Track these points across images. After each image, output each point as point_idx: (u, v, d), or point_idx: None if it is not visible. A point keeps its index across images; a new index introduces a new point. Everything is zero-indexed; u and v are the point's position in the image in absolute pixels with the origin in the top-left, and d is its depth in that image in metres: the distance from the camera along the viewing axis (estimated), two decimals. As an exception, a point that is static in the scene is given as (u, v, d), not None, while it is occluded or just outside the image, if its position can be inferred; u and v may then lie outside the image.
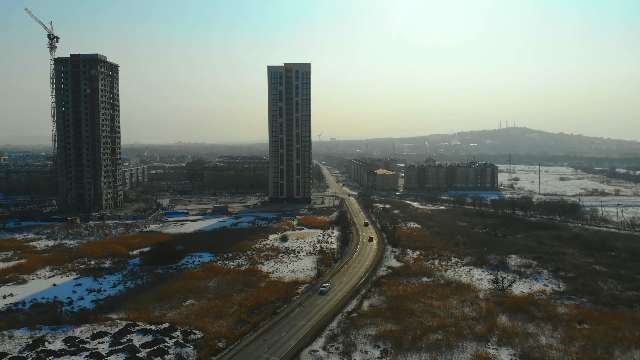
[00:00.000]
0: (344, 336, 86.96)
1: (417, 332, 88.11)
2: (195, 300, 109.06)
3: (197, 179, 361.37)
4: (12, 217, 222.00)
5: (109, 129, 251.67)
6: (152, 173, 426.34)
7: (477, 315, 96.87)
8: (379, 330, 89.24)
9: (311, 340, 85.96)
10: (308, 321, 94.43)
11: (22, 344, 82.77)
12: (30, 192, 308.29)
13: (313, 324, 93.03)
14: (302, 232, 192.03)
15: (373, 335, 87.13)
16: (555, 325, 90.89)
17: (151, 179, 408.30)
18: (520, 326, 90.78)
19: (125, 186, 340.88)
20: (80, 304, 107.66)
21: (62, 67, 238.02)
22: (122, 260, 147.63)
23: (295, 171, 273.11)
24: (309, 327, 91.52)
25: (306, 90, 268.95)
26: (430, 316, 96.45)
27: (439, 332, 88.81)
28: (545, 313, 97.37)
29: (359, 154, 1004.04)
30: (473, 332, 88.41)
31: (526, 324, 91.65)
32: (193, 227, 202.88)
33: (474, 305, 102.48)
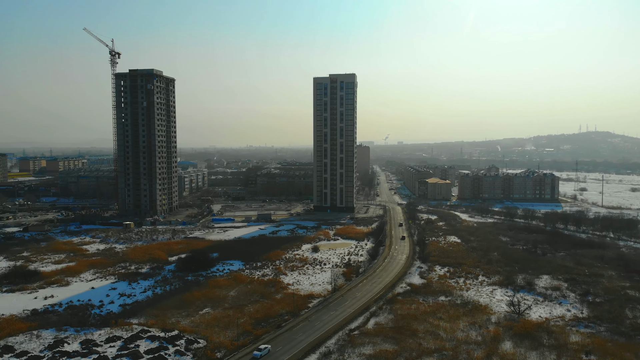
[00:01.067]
0: (337, 354, 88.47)
1: (412, 354, 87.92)
2: (211, 309, 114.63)
3: (251, 185, 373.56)
4: (74, 220, 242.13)
5: (165, 139, 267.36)
6: (212, 179, 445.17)
7: (481, 339, 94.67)
8: (374, 350, 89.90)
9: (304, 356, 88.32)
10: (308, 336, 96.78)
11: (45, 343, 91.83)
12: (97, 196, 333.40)
13: (312, 339, 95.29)
14: (336, 243, 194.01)
15: (367, 355, 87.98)
16: (560, 355, 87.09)
17: (211, 185, 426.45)
18: (522, 354, 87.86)
19: (185, 192, 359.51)
20: (109, 308, 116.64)
21: (122, 81, 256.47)
22: (159, 266, 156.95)
23: (339, 180, 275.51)
24: (307, 342, 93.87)
25: (350, 100, 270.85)
26: (432, 338, 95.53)
27: (434, 355, 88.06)
28: (555, 341, 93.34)
29: (424, 158, 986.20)
30: (470, 357, 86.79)
31: (529, 352, 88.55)
32: (234, 234, 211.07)
33: (482, 329, 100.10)
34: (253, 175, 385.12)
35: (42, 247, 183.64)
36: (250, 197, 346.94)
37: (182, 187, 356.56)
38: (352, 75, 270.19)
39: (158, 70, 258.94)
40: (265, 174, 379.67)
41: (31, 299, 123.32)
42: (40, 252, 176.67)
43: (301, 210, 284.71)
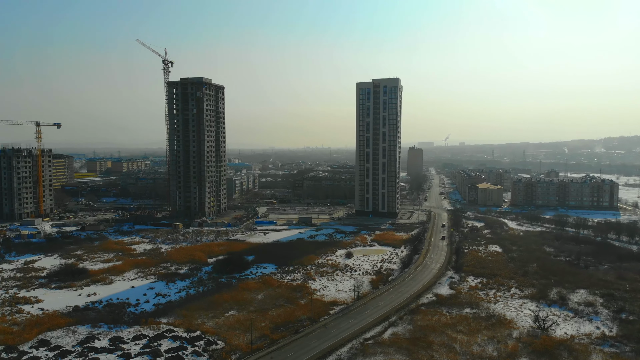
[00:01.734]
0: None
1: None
2: (236, 312, 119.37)
3: (298, 188, 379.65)
4: (128, 220, 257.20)
5: (214, 144, 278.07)
6: (262, 181, 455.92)
7: (497, 355, 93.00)
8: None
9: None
10: (322, 343, 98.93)
11: (78, 339, 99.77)
12: (153, 197, 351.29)
13: (324, 346, 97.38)
14: (371, 250, 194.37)
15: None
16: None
17: (261, 187, 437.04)
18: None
19: (235, 194, 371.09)
20: (143, 307, 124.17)
21: (174, 89, 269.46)
22: (197, 267, 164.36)
23: (381, 185, 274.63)
24: (319, 349, 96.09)
25: (393, 104, 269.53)
26: (445, 351, 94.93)
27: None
28: None
29: (484, 161, 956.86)
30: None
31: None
32: (273, 238, 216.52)
33: (500, 344, 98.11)
34: (300, 179, 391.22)
35: (95, 246, 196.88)
36: (297, 200, 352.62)
37: (233, 190, 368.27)
38: (396, 80, 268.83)
39: (207, 78, 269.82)
40: (312, 177, 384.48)
41: (76, 296, 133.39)
42: (92, 251, 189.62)
43: (343, 214, 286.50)
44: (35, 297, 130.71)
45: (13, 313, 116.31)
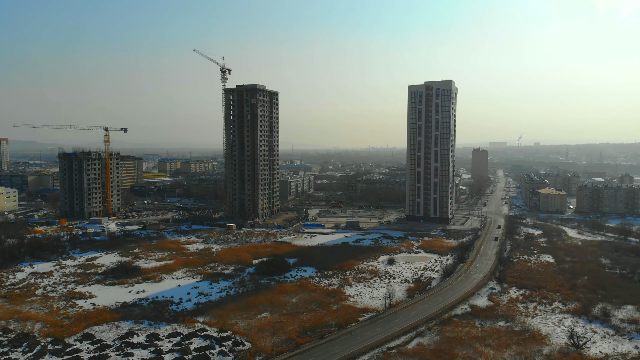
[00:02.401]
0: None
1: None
2: (269, 314, 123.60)
3: (351, 191, 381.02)
4: (187, 220, 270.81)
5: (267, 148, 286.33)
6: (318, 183, 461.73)
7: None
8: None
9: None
10: (344, 350, 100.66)
11: (119, 334, 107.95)
12: (213, 198, 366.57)
13: (346, 353, 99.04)
14: (416, 256, 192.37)
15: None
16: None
17: (316, 189, 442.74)
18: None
19: (290, 195, 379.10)
20: (185, 306, 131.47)
21: (231, 95, 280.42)
22: (241, 268, 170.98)
23: (433, 190, 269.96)
24: (340, 355, 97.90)
25: (446, 107, 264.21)
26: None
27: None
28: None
29: (557, 162, 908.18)
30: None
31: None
32: (319, 241, 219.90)
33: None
34: (354, 181, 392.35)
35: (152, 245, 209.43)
36: (349, 203, 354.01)
37: (287, 192, 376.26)
38: (449, 82, 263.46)
39: (262, 85, 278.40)
40: (365, 180, 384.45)
41: (126, 292, 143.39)
42: (149, 249, 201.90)
43: (393, 219, 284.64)
44: (90, 292, 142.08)
45: (67, 307, 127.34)
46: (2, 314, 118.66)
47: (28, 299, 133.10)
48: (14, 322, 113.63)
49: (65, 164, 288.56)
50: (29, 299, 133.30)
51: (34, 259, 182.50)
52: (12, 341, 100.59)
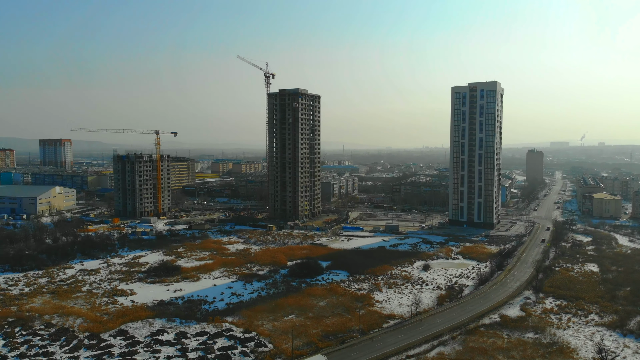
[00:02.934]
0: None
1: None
2: (295, 316, 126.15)
3: (395, 194, 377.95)
4: (230, 221, 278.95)
5: (308, 151, 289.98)
6: (362, 184, 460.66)
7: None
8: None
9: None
10: (363, 356, 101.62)
11: (151, 331, 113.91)
12: (258, 199, 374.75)
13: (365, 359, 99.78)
14: (453, 263, 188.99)
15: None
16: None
17: (360, 191, 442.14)
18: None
19: (334, 197, 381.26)
20: (217, 305, 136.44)
21: (274, 100, 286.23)
22: (275, 270, 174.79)
23: (477, 194, 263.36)
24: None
25: (491, 109, 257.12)
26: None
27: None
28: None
29: (622, 164, 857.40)
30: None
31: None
32: (355, 244, 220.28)
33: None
34: (397, 184, 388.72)
35: (195, 245, 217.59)
36: (398, 205, 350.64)
37: (330, 193, 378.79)
38: (493, 83, 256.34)
39: (303, 89, 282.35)
40: (409, 183, 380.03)
41: (164, 290, 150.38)
42: (192, 249, 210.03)
43: (436, 223, 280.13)
44: (131, 290, 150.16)
45: (108, 304, 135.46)
46: (48, 309, 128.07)
47: (74, 295, 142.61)
48: (58, 317, 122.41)
49: (119, 165, 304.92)
50: (75, 295, 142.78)
51: (85, 256, 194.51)
52: (52, 335, 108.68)
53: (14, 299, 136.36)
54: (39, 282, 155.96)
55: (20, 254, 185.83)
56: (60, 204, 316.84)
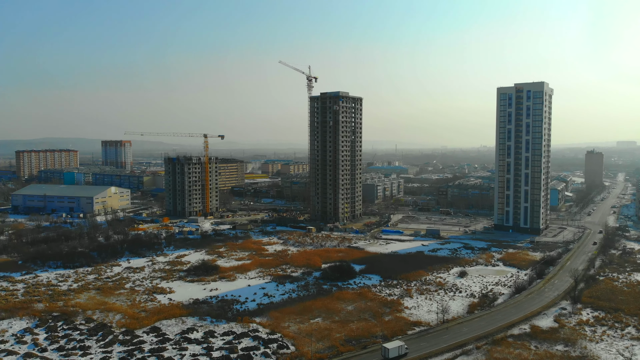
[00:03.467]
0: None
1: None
2: (321, 320, 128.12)
3: (441, 196, 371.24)
4: (272, 222, 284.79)
5: (349, 153, 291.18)
6: (408, 186, 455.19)
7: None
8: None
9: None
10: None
11: (182, 329, 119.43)
12: (301, 200, 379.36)
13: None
14: (492, 270, 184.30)
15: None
16: None
17: (406, 193, 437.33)
18: None
19: (377, 199, 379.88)
20: (248, 305, 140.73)
21: (315, 103, 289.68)
22: (309, 272, 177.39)
23: (523, 198, 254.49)
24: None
25: (538, 111, 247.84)
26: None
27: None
28: None
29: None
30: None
31: None
32: (392, 248, 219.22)
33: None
34: (444, 187, 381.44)
35: (236, 245, 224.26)
36: (439, 209, 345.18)
37: (374, 195, 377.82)
38: (540, 84, 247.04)
39: (344, 92, 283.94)
40: (456, 185, 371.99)
41: (201, 289, 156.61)
42: (233, 249, 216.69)
43: (480, 228, 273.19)
44: (170, 288, 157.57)
45: (147, 301, 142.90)
46: (91, 305, 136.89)
47: (117, 292, 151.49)
48: (99, 313, 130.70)
49: (170, 167, 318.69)
50: (118, 292, 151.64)
51: (133, 254, 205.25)
52: (90, 330, 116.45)
53: (61, 295, 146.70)
54: (86, 279, 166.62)
55: (73, 252, 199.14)
56: (115, 204, 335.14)
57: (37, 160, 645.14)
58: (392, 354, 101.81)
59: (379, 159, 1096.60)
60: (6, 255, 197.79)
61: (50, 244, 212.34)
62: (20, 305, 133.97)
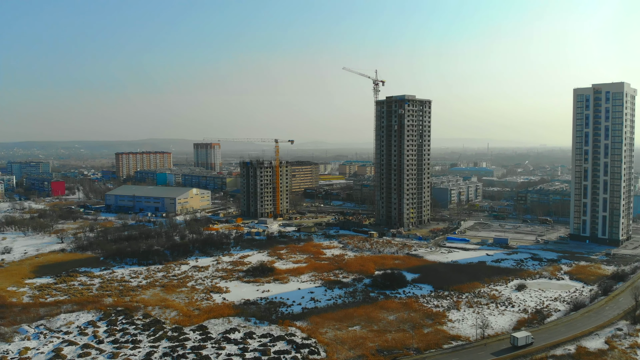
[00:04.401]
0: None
1: None
2: (359, 328, 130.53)
3: (520, 202, 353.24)
4: (336, 225, 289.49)
5: (415, 157, 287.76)
6: (488, 190, 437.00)
7: None
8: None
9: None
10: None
11: (226, 328, 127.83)
12: (370, 204, 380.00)
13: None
14: (554, 284, 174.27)
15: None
16: None
17: (486, 197, 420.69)
18: None
19: (451, 204, 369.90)
20: (293, 309, 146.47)
21: (380, 107, 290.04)
22: (360, 278, 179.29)
23: (601, 207, 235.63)
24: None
25: (618, 113, 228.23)
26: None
27: None
28: None
29: None
30: None
31: None
32: (453, 257, 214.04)
33: None
34: (523, 191, 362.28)
35: (297, 247, 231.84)
36: (516, 216, 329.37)
37: (448, 200, 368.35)
38: (620, 85, 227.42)
39: (410, 95, 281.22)
40: (536, 190, 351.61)
41: (254, 290, 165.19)
42: (293, 251, 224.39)
43: (555, 237, 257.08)
44: (227, 287, 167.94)
45: (203, 300, 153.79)
46: (153, 301, 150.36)
47: (178, 290, 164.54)
48: (158, 309, 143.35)
49: (244, 170, 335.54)
50: (179, 290, 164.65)
51: (201, 253, 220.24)
52: (145, 325, 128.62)
53: (130, 290, 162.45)
54: (155, 276, 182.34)
55: (149, 250, 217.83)
56: (196, 204, 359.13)
57: (134, 162, 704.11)
58: (520, 343, 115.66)
59: (468, 158, 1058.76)
60: (91, 251, 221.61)
61: (131, 242, 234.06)
62: (92, 299, 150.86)
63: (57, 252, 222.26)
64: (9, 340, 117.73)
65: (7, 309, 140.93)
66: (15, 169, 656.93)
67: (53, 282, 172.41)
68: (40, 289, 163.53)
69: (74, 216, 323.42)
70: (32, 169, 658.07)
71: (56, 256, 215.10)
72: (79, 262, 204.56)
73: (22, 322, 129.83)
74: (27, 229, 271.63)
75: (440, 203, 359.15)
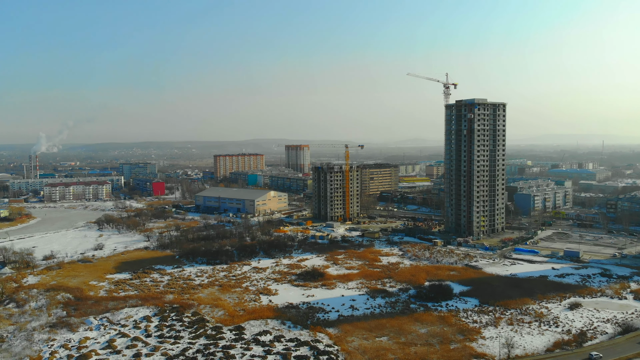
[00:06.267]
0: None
1: None
2: (386, 339, 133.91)
3: (610, 209, 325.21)
4: (402, 231, 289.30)
5: (486, 163, 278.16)
6: (580, 196, 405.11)
7: None
8: None
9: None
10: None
11: (260, 330, 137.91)
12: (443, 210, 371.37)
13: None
14: (614, 303, 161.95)
15: None
16: None
17: (576, 203, 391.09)
18: None
19: (534, 211, 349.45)
20: (329, 315, 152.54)
21: (450, 111, 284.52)
22: (406, 289, 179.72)
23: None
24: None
25: None
26: None
27: None
28: None
29: None
30: None
31: None
32: (515, 270, 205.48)
33: None
34: (613, 198, 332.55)
35: (355, 253, 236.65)
36: (604, 225, 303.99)
37: (530, 206, 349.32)
38: None
39: (481, 99, 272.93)
40: (629, 198, 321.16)
41: (300, 294, 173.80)
42: (350, 256, 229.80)
43: (637, 251, 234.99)
44: (276, 290, 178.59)
45: (251, 301, 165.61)
46: (207, 300, 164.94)
47: (233, 289, 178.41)
48: (208, 308, 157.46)
49: (316, 175, 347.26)
50: (234, 290, 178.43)
51: (265, 255, 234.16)
52: (190, 322, 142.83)
53: (191, 289, 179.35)
54: (218, 275, 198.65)
55: (219, 250, 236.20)
56: (274, 206, 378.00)
57: (230, 163, 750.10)
58: None
59: (577, 158, 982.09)
60: (170, 250, 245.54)
61: (206, 241, 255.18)
62: (155, 296, 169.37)
63: (141, 250, 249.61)
64: (74, 330, 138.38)
65: (82, 301, 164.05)
66: (125, 169, 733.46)
67: (129, 278, 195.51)
68: (117, 284, 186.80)
69: (165, 216, 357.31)
70: (140, 170, 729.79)
71: (139, 253, 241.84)
72: (157, 259, 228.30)
73: (91, 314, 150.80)
74: (122, 227, 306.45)
75: (521, 210, 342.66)
